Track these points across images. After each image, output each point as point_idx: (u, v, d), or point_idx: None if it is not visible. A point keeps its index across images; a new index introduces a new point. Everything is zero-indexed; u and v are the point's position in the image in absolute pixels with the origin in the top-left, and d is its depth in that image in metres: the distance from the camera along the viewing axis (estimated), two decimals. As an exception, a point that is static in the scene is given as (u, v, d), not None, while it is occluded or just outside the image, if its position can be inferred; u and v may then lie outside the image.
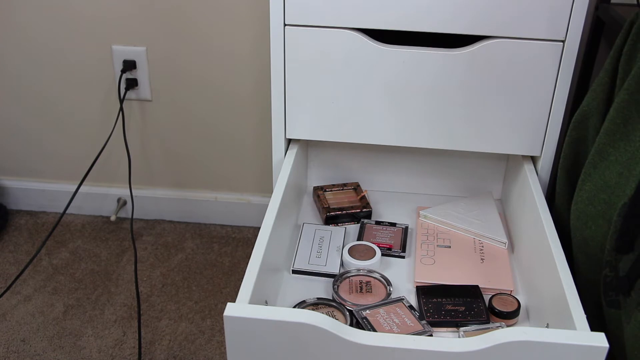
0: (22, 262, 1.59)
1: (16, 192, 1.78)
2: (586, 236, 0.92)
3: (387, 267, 1.06)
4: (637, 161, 0.86)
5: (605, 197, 0.90)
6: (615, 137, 0.90)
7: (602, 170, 0.91)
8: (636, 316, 0.77)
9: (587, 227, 0.92)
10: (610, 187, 0.89)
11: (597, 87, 0.98)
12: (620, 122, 0.89)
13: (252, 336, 0.75)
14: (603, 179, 0.90)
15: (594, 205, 0.91)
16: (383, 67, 1.06)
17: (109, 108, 1.63)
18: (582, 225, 0.93)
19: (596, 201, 0.91)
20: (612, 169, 0.89)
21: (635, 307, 0.78)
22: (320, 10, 1.03)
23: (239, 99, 1.58)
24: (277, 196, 1.01)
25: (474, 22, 1.02)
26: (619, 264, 0.84)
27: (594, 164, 0.92)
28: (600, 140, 0.92)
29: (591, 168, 0.93)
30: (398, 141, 1.13)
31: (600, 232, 0.90)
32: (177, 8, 1.48)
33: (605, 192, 0.90)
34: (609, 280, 0.85)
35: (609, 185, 0.89)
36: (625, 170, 0.87)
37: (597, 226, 0.90)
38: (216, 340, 1.38)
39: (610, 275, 0.85)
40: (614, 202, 0.88)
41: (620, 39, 0.95)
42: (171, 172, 1.71)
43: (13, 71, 1.61)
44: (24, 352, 1.33)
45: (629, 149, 0.88)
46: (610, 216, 0.88)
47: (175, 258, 1.63)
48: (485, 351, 0.71)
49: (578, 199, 0.94)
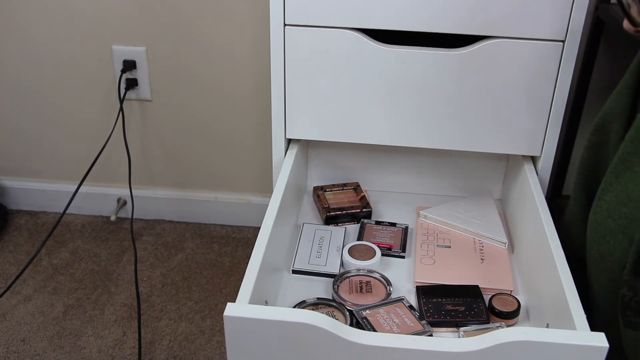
0: (22, 262, 1.59)
1: (16, 192, 1.78)
2: (603, 250, 0.86)
3: (387, 267, 1.06)
4: None
5: (626, 210, 0.83)
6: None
7: (625, 181, 0.84)
8: None
9: (604, 240, 0.86)
10: (633, 200, 0.83)
11: (622, 90, 0.91)
12: None
13: (252, 336, 0.75)
14: (625, 191, 0.83)
15: (614, 219, 0.85)
16: (383, 67, 1.06)
17: (109, 108, 1.63)
18: (600, 239, 0.86)
19: (616, 214, 0.84)
20: (636, 181, 0.83)
21: None
22: (320, 10, 1.03)
23: (239, 99, 1.58)
24: (277, 196, 1.01)
25: (473, 22, 1.02)
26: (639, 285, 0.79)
27: (616, 174, 0.85)
28: (624, 148, 0.84)
29: (613, 177, 0.86)
30: (398, 141, 1.13)
31: (619, 248, 0.84)
32: (177, 8, 1.48)
33: (627, 206, 0.83)
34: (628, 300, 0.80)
35: (632, 199, 0.83)
36: None
37: (616, 241, 0.84)
38: (216, 340, 1.38)
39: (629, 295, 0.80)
40: (637, 216, 0.82)
41: None
42: (171, 172, 1.71)
43: (13, 71, 1.61)
44: (24, 352, 1.33)
45: None
46: (631, 231, 0.82)
47: (175, 258, 1.63)
48: (485, 351, 0.71)
49: (597, 209, 0.88)
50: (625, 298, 0.80)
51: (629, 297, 0.80)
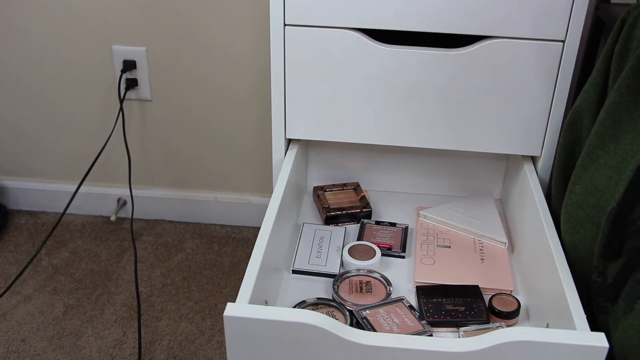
0: (22, 262, 1.59)
1: (16, 192, 1.78)
2: (575, 240, 0.90)
3: (387, 267, 1.06)
4: (627, 165, 0.84)
5: (594, 200, 0.88)
6: (605, 139, 0.87)
7: (591, 173, 0.89)
8: (622, 324, 0.76)
9: (576, 231, 0.90)
10: (599, 190, 0.87)
11: (590, 87, 0.96)
12: (610, 125, 0.87)
13: (252, 336, 0.75)
14: (592, 182, 0.88)
15: (583, 209, 0.89)
16: (383, 67, 1.06)
17: (109, 108, 1.63)
18: (572, 229, 0.91)
19: (585, 205, 0.89)
20: (602, 172, 0.87)
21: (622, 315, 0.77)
22: (320, 10, 1.03)
23: (239, 99, 1.58)
24: (277, 196, 1.01)
25: (474, 22, 1.02)
26: (607, 270, 0.82)
27: (583, 167, 0.90)
28: (590, 142, 0.89)
29: (581, 170, 0.91)
30: (398, 141, 1.13)
31: (589, 236, 0.88)
32: (177, 8, 1.48)
33: (594, 196, 0.88)
34: (598, 286, 0.83)
35: (598, 189, 0.87)
36: (614, 174, 0.86)
37: (586, 230, 0.88)
38: (216, 340, 1.38)
39: (599, 281, 0.83)
40: (603, 206, 0.86)
41: (612, 38, 0.92)
42: (171, 172, 1.71)
43: (13, 71, 1.61)
44: (24, 352, 1.33)
45: (619, 152, 0.86)
46: (599, 220, 0.87)
47: (175, 258, 1.63)
48: (485, 351, 0.71)
49: (568, 201, 0.92)
50: (596, 284, 0.83)
51: (598, 283, 0.83)
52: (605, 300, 0.82)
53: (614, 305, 0.80)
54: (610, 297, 0.80)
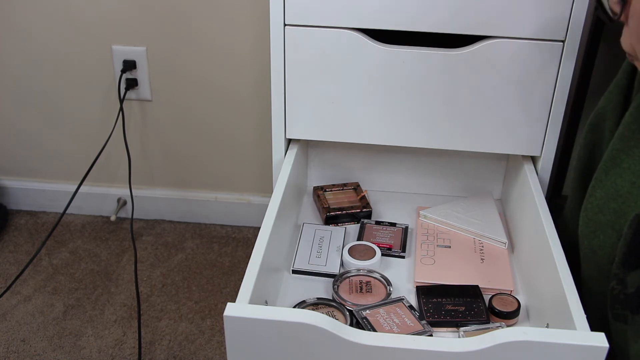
0: (22, 262, 1.59)
1: (16, 192, 1.78)
2: (594, 245, 0.88)
3: (387, 267, 1.06)
4: None
5: (615, 206, 0.85)
6: (630, 143, 0.84)
7: (614, 178, 0.86)
8: None
9: (595, 235, 0.87)
10: (621, 196, 0.84)
11: (614, 89, 0.93)
12: (636, 128, 0.84)
13: (252, 336, 0.75)
14: (614, 187, 0.85)
15: (604, 214, 0.86)
16: (383, 67, 1.06)
17: (109, 108, 1.63)
18: (591, 234, 0.88)
19: (606, 210, 0.86)
20: (625, 177, 0.84)
21: None
22: (320, 10, 1.03)
23: (239, 99, 1.58)
24: (277, 196, 1.01)
25: (473, 22, 1.02)
26: (627, 279, 0.80)
27: (605, 170, 0.87)
28: (613, 145, 0.86)
29: (603, 174, 0.88)
30: (398, 141, 1.13)
31: (609, 242, 0.85)
32: (177, 8, 1.48)
33: (616, 201, 0.85)
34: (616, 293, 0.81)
35: (620, 194, 0.84)
36: (638, 180, 0.83)
37: (606, 236, 0.86)
38: (216, 340, 1.38)
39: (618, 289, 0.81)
40: (625, 212, 0.83)
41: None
42: (171, 172, 1.71)
43: (13, 71, 1.61)
44: (24, 352, 1.33)
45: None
46: (620, 226, 0.84)
47: (175, 258, 1.63)
48: (485, 351, 0.71)
49: (588, 205, 0.89)
50: (614, 291, 0.81)
51: (617, 291, 0.81)
52: (625, 309, 0.80)
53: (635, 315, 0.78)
54: (632, 307, 0.79)
